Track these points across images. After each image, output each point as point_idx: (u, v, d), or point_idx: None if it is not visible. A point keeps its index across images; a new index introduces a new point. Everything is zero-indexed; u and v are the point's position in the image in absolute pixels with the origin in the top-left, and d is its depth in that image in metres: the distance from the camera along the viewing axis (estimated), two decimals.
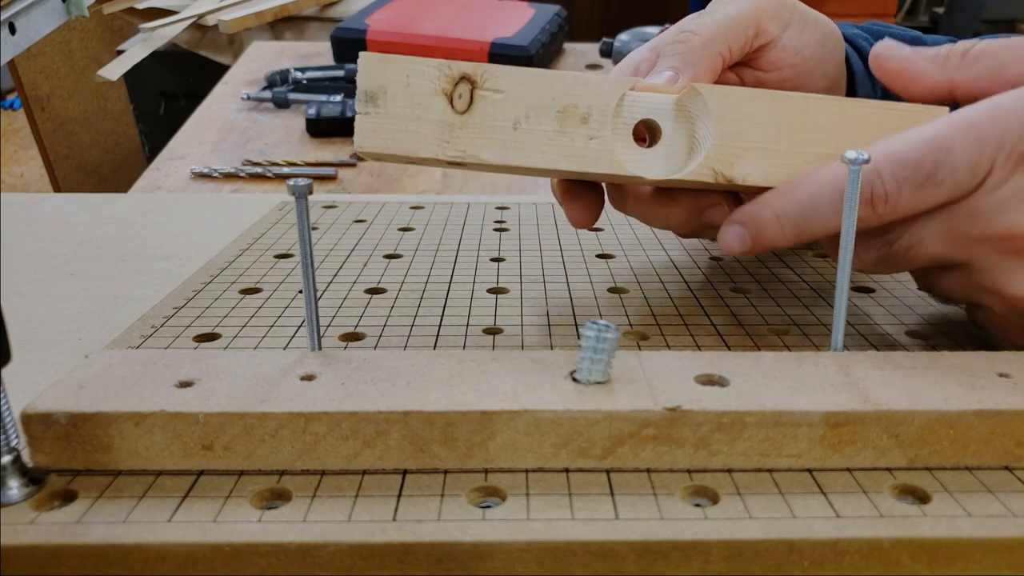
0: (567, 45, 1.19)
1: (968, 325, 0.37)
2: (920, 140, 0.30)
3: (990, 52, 0.33)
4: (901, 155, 0.30)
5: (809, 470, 0.26)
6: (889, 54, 0.35)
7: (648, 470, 0.26)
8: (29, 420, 0.25)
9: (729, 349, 0.35)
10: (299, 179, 0.28)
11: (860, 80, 0.44)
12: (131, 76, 1.32)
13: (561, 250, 0.48)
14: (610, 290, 0.42)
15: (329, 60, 1.10)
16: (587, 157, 0.32)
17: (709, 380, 0.27)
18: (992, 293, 0.31)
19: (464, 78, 0.31)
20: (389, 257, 0.47)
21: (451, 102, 0.31)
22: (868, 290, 0.41)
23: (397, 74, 0.31)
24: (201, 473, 0.26)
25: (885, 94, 0.38)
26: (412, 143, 0.32)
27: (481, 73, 0.31)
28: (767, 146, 0.32)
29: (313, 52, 1.18)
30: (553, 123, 0.32)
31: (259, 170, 0.77)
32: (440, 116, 0.31)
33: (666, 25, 0.99)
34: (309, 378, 0.28)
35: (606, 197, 0.38)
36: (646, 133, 0.34)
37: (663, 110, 0.33)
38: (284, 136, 0.88)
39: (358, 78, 0.32)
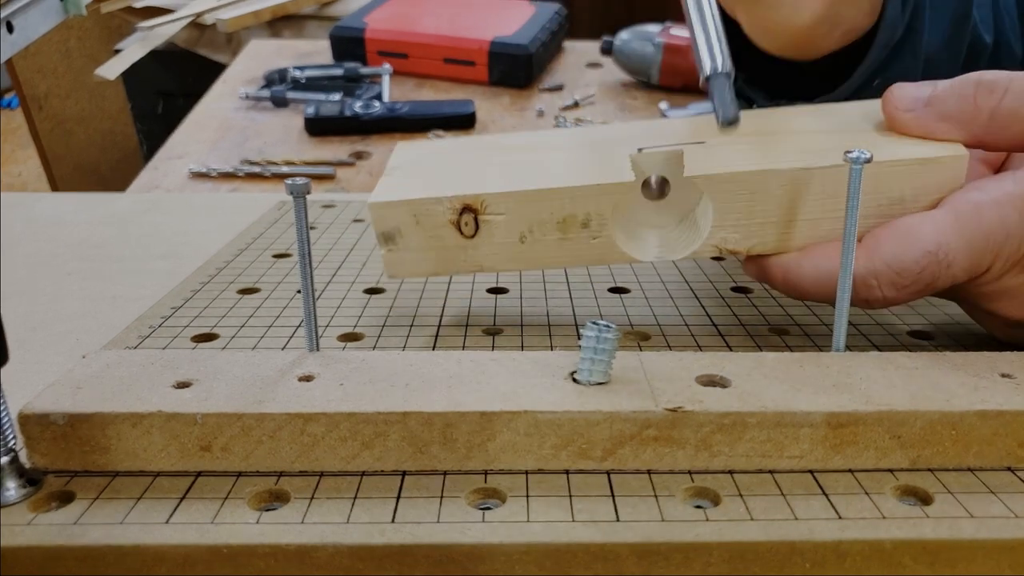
0: (567, 43, 1.18)
1: (968, 326, 0.37)
2: (920, 250, 0.30)
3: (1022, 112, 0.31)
4: (900, 265, 0.30)
5: (811, 471, 0.26)
6: (901, 115, 0.33)
7: (649, 471, 0.26)
8: (26, 421, 0.25)
9: (730, 349, 0.35)
10: (297, 178, 0.28)
11: None
12: (129, 75, 1.32)
13: None
14: (610, 290, 0.42)
15: (328, 59, 1.10)
16: (593, 254, 0.34)
17: (710, 381, 0.27)
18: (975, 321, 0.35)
19: (466, 208, 0.33)
20: None
21: (459, 229, 0.34)
22: None
23: (405, 215, 0.34)
24: (199, 474, 0.26)
25: None
26: (433, 267, 0.35)
27: (481, 201, 0.33)
28: (769, 219, 0.32)
29: (312, 51, 1.18)
30: (556, 232, 0.34)
31: (257, 169, 0.77)
32: (453, 242, 0.34)
33: (667, 23, 0.99)
34: (307, 379, 0.27)
35: None
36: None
37: (663, 166, 0.33)
38: (282, 135, 0.88)
39: (371, 224, 0.34)
